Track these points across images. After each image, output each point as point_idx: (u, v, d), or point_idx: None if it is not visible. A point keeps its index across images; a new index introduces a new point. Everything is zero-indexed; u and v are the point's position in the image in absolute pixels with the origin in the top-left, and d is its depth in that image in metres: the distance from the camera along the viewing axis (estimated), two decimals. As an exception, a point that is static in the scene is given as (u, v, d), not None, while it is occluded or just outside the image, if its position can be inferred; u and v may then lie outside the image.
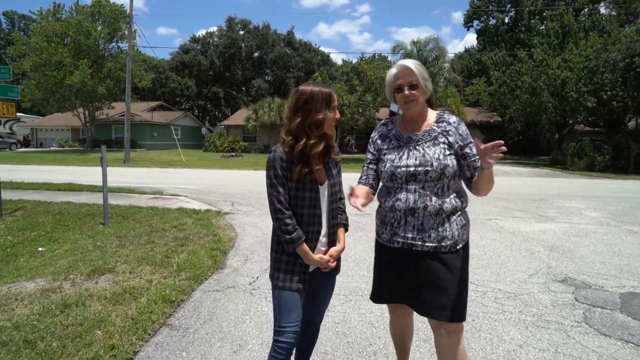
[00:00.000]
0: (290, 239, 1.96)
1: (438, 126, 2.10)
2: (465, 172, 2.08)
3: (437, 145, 2.04)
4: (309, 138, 1.97)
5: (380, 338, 3.12)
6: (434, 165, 1.99)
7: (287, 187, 1.98)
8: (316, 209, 2.03)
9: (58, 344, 2.88)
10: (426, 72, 2.09)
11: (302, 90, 2.01)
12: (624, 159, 21.37)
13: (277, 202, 1.97)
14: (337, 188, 2.13)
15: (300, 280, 2.03)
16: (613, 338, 3.13)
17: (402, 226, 2.06)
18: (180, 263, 4.72)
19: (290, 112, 2.01)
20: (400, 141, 2.14)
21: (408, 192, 2.02)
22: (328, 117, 1.99)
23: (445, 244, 2.00)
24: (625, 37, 20.79)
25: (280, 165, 1.96)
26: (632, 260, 5.19)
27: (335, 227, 2.13)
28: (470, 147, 2.07)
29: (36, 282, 4.29)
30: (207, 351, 2.93)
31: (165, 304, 3.62)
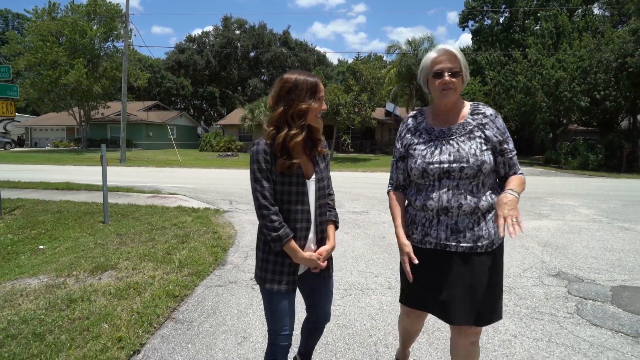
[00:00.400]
0: (277, 236, 1.85)
1: (473, 119, 1.94)
2: (499, 169, 1.95)
3: (472, 139, 1.89)
4: (290, 128, 1.86)
5: (379, 330, 3.22)
6: (470, 162, 1.84)
7: (273, 182, 1.88)
8: (304, 204, 1.92)
9: (66, 336, 2.96)
10: (466, 62, 1.95)
11: (286, 78, 1.90)
12: (617, 158, 21.60)
13: (261, 197, 1.86)
14: (325, 183, 2.02)
15: (289, 281, 1.95)
16: (604, 328, 3.25)
17: (434, 226, 1.92)
18: (182, 259, 4.80)
19: (273, 101, 1.92)
20: (431, 135, 1.97)
21: (441, 190, 1.88)
22: (312, 107, 1.88)
23: (482, 243, 1.88)
24: (618, 37, 21.02)
25: (263, 158, 1.86)
26: (623, 255, 5.32)
27: (324, 225, 2.03)
28: (508, 143, 1.94)
29: (39, 279, 4.34)
30: (212, 343, 3.01)
31: (169, 299, 3.70)
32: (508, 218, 1.67)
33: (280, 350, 2.00)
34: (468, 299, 1.88)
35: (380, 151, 35.36)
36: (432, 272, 1.94)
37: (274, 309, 1.96)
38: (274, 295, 1.95)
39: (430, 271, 1.94)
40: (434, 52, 1.93)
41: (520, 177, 1.94)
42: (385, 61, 47.43)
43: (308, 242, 1.97)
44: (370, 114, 27.77)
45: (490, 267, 1.91)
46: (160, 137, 41.49)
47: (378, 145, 36.60)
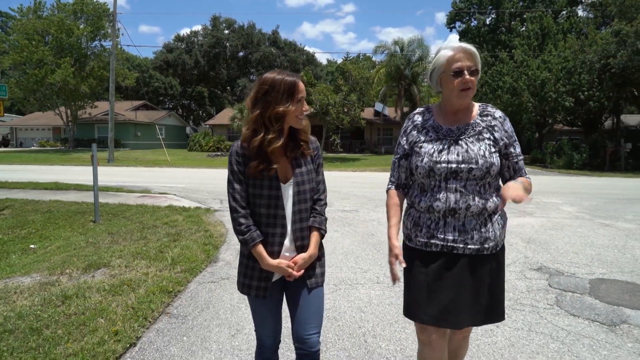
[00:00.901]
0: (243, 239, 1.83)
1: (482, 120, 1.91)
2: (504, 172, 1.93)
3: (481, 140, 1.85)
4: (267, 132, 1.79)
5: (368, 321, 3.35)
6: (479, 163, 1.80)
7: (245, 184, 1.85)
8: (277, 208, 1.84)
9: (63, 331, 3.03)
10: None
11: (264, 79, 1.83)
12: (600, 157, 22.07)
13: (232, 199, 1.84)
14: (306, 187, 1.90)
15: (260, 287, 1.89)
16: (581, 318, 3.41)
17: (440, 228, 1.86)
18: (175, 257, 4.87)
19: (250, 102, 1.85)
20: (439, 133, 1.92)
21: (448, 191, 1.83)
22: (289, 110, 1.80)
23: (488, 245, 1.86)
24: (602, 39, 21.47)
25: (235, 160, 1.84)
26: (602, 250, 5.52)
27: (304, 231, 1.91)
28: (515, 146, 1.92)
29: (32, 277, 4.38)
30: (206, 336, 3.11)
31: (163, 294, 3.78)
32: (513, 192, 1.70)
33: (266, 350, 2.01)
34: (473, 302, 1.86)
35: (369, 151, 35.58)
36: (438, 277, 1.88)
37: (253, 312, 1.98)
38: (250, 299, 1.95)
39: (437, 275, 1.88)
40: (449, 50, 1.85)
41: (526, 179, 1.90)
42: (374, 61, 47.71)
43: (284, 249, 1.88)
44: (359, 114, 27.95)
45: (494, 268, 1.91)
46: (149, 137, 41.22)
47: (367, 145, 36.82)
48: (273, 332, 1.98)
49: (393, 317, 3.41)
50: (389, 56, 31.60)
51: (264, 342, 2.00)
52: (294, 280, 1.91)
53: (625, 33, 19.05)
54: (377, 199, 10.00)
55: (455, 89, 1.83)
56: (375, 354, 2.85)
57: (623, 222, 7.46)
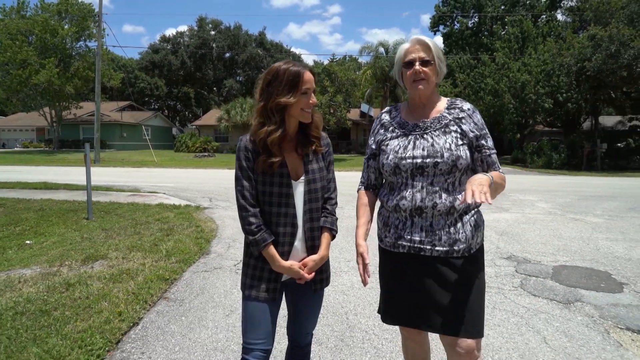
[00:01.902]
0: (253, 240, 1.72)
1: (449, 113, 1.84)
2: (477, 167, 1.84)
3: (448, 133, 1.79)
4: (270, 124, 1.74)
5: (350, 302, 3.69)
6: (444, 157, 1.73)
7: (255, 181, 1.76)
8: (288, 207, 1.76)
9: (71, 312, 3.30)
10: (442, 54, 1.86)
11: (270, 68, 1.77)
12: (578, 157, 22.84)
13: (241, 197, 1.75)
14: (317, 185, 1.83)
15: (269, 289, 1.78)
16: (541, 297, 3.80)
17: (407, 228, 1.79)
18: (169, 249, 5.15)
19: (258, 94, 1.79)
20: (405, 129, 1.87)
21: (414, 188, 1.77)
22: (290, 102, 1.71)
23: (458, 247, 1.76)
24: (578, 43, 22.22)
25: (244, 155, 1.76)
26: (569, 242, 5.96)
27: (315, 232, 1.83)
28: (486, 139, 1.83)
29: (32, 269, 4.61)
30: (202, 316, 3.41)
31: (161, 282, 4.07)
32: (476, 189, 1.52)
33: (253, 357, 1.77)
34: (446, 307, 1.75)
35: (355, 151, 36.01)
36: (407, 279, 1.82)
37: (246, 316, 1.80)
38: (250, 302, 1.79)
39: (405, 278, 1.82)
40: (407, 43, 1.86)
41: (500, 173, 1.82)
42: (360, 62, 48.22)
43: (294, 250, 1.79)
44: (345, 114, 28.37)
45: (469, 273, 1.78)
46: (135, 138, 41.07)
47: (353, 146, 37.26)
48: (267, 341, 1.79)
49: (372, 299, 3.75)
50: (374, 58, 32.10)
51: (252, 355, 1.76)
52: (297, 285, 1.83)
53: (599, 37, 19.79)
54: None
55: (408, 79, 1.83)
56: (356, 328, 3.18)
57: (592, 217, 7.94)
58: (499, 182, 1.76)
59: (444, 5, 37.81)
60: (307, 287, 1.85)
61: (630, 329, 3.18)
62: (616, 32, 19.30)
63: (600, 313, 3.46)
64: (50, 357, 2.63)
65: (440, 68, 1.83)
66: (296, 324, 1.94)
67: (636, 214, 8.29)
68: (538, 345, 2.91)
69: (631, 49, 18.94)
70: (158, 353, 2.81)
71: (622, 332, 3.13)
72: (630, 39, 19.13)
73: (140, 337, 3.03)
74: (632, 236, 6.33)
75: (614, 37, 19.25)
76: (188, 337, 3.05)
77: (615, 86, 21.98)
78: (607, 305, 3.63)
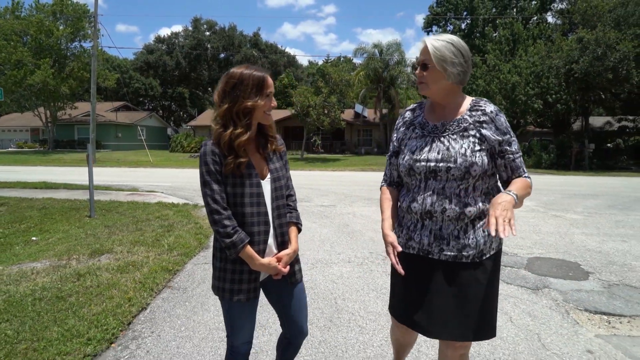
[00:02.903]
0: (231, 242, 1.74)
1: (471, 115, 1.79)
2: (501, 172, 1.79)
3: (465, 138, 1.75)
4: (235, 127, 1.78)
5: (339, 289, 4.04)
6: (457, 162, 1.70)
7: (224, 184, 1.79)
8: (260, 206, 1.82)
9: (85, 298, 3.63)
10: (453, 54, 1.74)
11: (232, 73, 1.82)
12: (567, 157, 23.35)
13: (212, 201, 1.76)
14: (281, 182, 1.92)
15: (250, 289, 1.85)
16: (513, 285, 4.18)
17: (418, 230, 1.80)
18: (170, 244, 5.48)
19: (218, 97, 1.83)
20: (424, 130, 1.85)
21: (426, 192, 1.77)
22: (258, 104, 1.79)
23: (467, 253, 1.73)
24: (567, 45, 22.73)
25: (212, 159, 1.77)
26: (546, 236, 6.35)
27: (284, 227, 1.92)
28: (511, 144, 1.77)
29: (42, 263, 4.92)
30: (204, 301, 3.75)
31: (165, 272, 4.40)
32: (500, 218, 1.49)
33: (240, 358, 1.97)
34: (453, 313, 1.75)
35: (349, 151, 36.40)
36: (413, 280, 1.82)
37: (233, 319, 1.89)
38: (234, 305, 1.86)
39: (413, 279, 1.82)
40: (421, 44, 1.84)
41: (525, 180, 1.77)
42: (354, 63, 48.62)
43: (268, 247, 1.87)
44: (339, 115, 28.70)
45: (479, 279, 1.75)
46: (130, 138, 41.22)
47: (347, 146, 37.64)
48: (249, 336, 1.96)
49: (360, 287, 4.11)
50: (368, 59, 32.52)
51: (239, 349, 1.95)
52: (274, 281, 1.91)
53: (587, 40, 20.30)
54: (354, 195, 10.73)
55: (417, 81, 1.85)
56: (344, 311, 3.54)
57: (572, 214, 8.35)
58: (524, 192, 1.69)
59: (438, 6, 38.30)
60: (285, 282, 1.94)
61: (588, 310, 3.56)
62: (602, 35, 19.82)
63: (564, 297, 3.84)
64: (71, 335, 2.95)
65: (447, 70, 1.74)
66: (289, 320, 2.01)
67: (614, 211, 8.72)
68: (504, 323, 3.27)
69: (617, 51, 19.46)
70: (166, 332, 3.15)
71: (580, 312, 3.51)
72: (616, 42, 19.66)
73: (149, 319, 3.37)
74: (606, 231, 6.74)
75: (601, 40, 19.77)
76: (192, 319, 3.39)
77: (603, 88, 22.55)
78: (571, 290, 4.01)
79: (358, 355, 2.82)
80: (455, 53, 1.73)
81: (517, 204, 1.60)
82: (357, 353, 2.85)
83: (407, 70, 32.64)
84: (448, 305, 1.75)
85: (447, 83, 1.76)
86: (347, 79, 30.48)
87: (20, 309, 3.39)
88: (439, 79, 1.76)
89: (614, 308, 3.60)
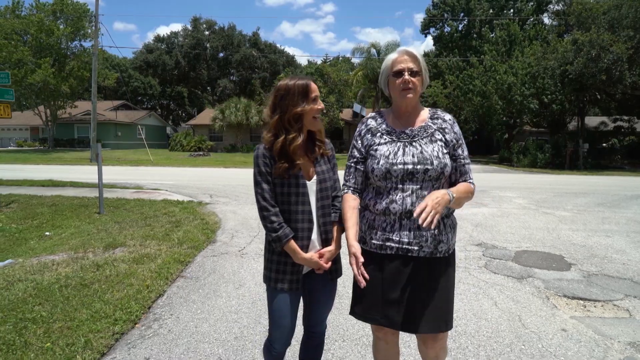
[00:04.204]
0: (276, 237, 1.93)
1: (434, 122, 1.98)
2: (451, 174, 1.97)
3: (434, 142, 1.92)
4: (288, 133, 1.94)
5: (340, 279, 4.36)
6: (434, 164, 1.86)
7: (273, 184, 1.97)
8: (304, 205, 1.98)
9: (107, 285, 3.95)
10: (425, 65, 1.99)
11: (279, 86, 2.00)
12: (562, 156, 23.74)
13: (262, 199, 1.96)
14: (327, 184, 2.06)
15: (292, 280, 2.00)
16: (500, 274, 4.52)
17: (396, 230, 1.89)
18: (180, 238, 5.81)
19: (270, 110, 2.01)
20: (393, 136, 1.98)
21: (404, 192, 1.87)
22: (306, 109, 1.95)
23: (441, 248, 1.90)
24: (562, 47, 23.10)
25: (263, 162, 1.96)
26: (535, 231, 6.70)
27: (327, 226, 2.05)
28: (463, 149, 1.98)
29: (59, 255, 5.24)
30: (216, 288, 4.08)
31: (177, 264, 4.73)
32: (428, 207, 1.66)
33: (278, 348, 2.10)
34: (429, 307, 1.88)
35: (347, 151, 36.65)
36: (390, 280, 1.91)
37: (276, 307, 2.04)
38: (277, 293, 2.02)
39: (389, 278, 1.91)
40: (394, 53, 1.97)
41: (469, 185, 1.94)
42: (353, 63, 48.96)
43: (312, 243, 2.01)
44: (338, 115, 29.07)
45: (449, 272, 1.95)
46: (129, 137, 41.47)
47: (346, 145, 37.95)
48: (288, 336, 2.07)
49: (359, 276, 4.43)
50: (366, 59, 32.84)
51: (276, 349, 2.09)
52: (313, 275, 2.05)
53: (581, 42, 20.66)
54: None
55: (396, 88, 1.93)
56: (345, 297, 3.85)
57: (562, 211, 8.71)
58: (463, 195, 1.88)
59: (434, 8, 38.67)
60: (324, 277, 2.07)
61: (567, 295, 3.91)
62: (596, 37, 20.18)
63: (546, 285, 4.19)
64: (99, 316, 3.28)
65: (425, 79, 1.96)
66: (312, 312, 2.15)
67: (603, 209, 9.08)
68: (489, 307, 3.62)
69: (610, 53, 19.82)
70: (184, 314, 3.48)
71: (559, 298, 3.86)
72: (610, 44, 20.02)
73: (167, 304, 3.70)
74: (593, 227, 7.09)
75: (595, 42, 20.13)
76: (206, 303, 3.72)
77: (597, 88, 22.94)
78: (553, 279, 4.36)
79: (357, 334, 3.16)
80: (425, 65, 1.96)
81: (453, 204, 1.80)
82: (356, 332, 3.19)
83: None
84: (425, 299, 1.88)
85: (421, 91, 1.97)
86: (345, 79, 30.85)
87: (49, 294, 3.71)
88: (420, 85, 1.94)
89: (590, 294, 3.95)
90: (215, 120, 35.41)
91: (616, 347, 2.95)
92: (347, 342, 3.06)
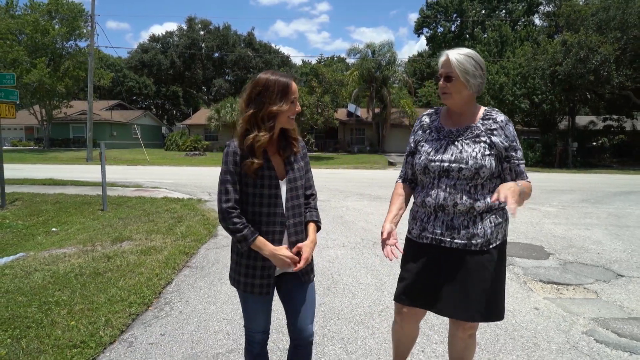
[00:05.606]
0: (242, 236, 1.82)
1: (483, 123, 2.01)
2: (506, 175, 2.01)
3: (477, 143, 1.97)
4: (259, 130, 1.84)
5: (334, 267, 4.72)
6: (468, 164, 1.92)
7: (243, 183, 1.88)
8: (276, 206, 1.90)
9: (119, 274, 4.27)
10: (474, 67, 1.94)
11: (257, 79, 1.88)
12: (552, 155, 24.24)
13: (225, 199, 1.85)
14: (298, 183, 1.99)
15: (263, 284, 1.93)
16: (483, 263, 4.88)
17: (431, 222, 2.01)
18: (183, 232, 6.12)
19: (244, 103, 1.90)
20: (440, 134, 2.07)
21: (439, 188, 1.98)
22: (282, 109, 1.84)
23: (476, 242, 1.95)
24: (552, 48, 23.60)
25: (233, 159, 1.86)
26: (519, 225, 7.07)
27: (298, 227, 1.99)
28: (516, 150, 1.99)
29: (69, 249, 5.53)
30: (220, 277, 4.40)
31: (182, 255, 5.04)
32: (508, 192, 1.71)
33: (255, 345, 2.07)
34: (462, 295, 1.95)
35: (342, 150, 37.09)
36: (427, 267, 2.02)
37: (248, 310, 2.01)
38: (248, 297, 1.97)
39: (426, 265, 2.03)
40: (443, 55, 2.02)
41: (528, 183, 1.99)
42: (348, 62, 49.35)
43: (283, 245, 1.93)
44: (332, 114, 29.36)
45: (486, 265, 1.96)
46: (125, 137, 41.57)
47: (341, 145, 38.34)
48: (264, 327, 2.05)
49: (352, 265, 4.78)
50: (361, 59, 33.22)
51: (254, 337, 2.05)
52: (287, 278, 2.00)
53: (570, 43, 21.15)
54: (347, 191, 11.41)
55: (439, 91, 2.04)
56: (339, 283, 4.22)
57: (547, 207, 9.10)
58: (526, 191, 1.92)
59: (428, 9, 39.12)
60: (297, 279, 2.00)
61: (542, 280, 4.27)
62: (585, 38, 20.67)
63: (524, 272, 4.55)
64: (115, 300, 3.60)
65: (469, 81, 1.94)
66: (295, 316, 2.01)
67: (586, 205, 9.48)
68: (471, 291, 3.97)
69: (598, 54, 20.32)
70: (192, 299, 3.81)
71: (535, 283, 4.23)
72: (598, 45, 20.52)
73: (176, 290, 4.02)
74: (575, 221, 7.48)
75: (583, 43, 20.62)
76: (212, 289, 4.05)
77: (586, 88, 23.46)
78: (531, 267, 4.73)
79: (351, 313, 3.50)
80: (475, 66, 1.94)
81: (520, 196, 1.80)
82: (349, 312, 3.53)
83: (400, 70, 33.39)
84: (457, 288, 1.96)
85: (468, 93, 1.97)
86: (340, 79, 31.16)
87: (66, 282, 4.02)
88: (461, 89, 1.96)
89: (564, 279, 4.32)
90: (211, 120, 35.59)
91: (581, 322, 3.32)
92: (341, 319, 3.40)
